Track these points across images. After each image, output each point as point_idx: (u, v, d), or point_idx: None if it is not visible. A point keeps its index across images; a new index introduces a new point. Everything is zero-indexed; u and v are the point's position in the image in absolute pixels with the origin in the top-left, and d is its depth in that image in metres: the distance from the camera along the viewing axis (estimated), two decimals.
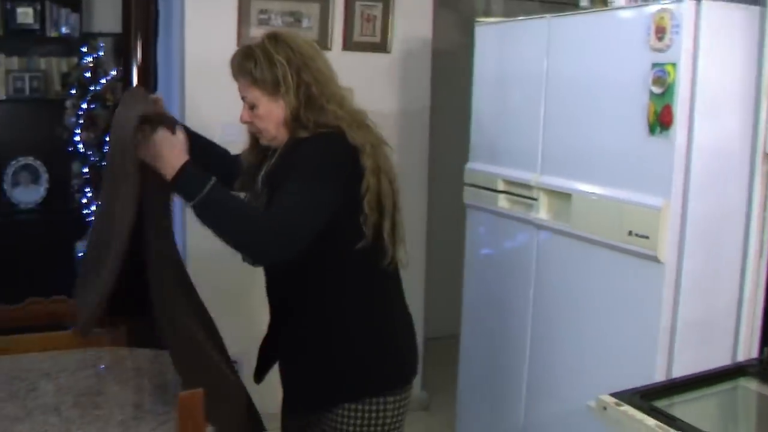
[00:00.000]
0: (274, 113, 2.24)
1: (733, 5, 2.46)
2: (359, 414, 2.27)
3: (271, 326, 2.43)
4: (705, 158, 2.46)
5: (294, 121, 2.22)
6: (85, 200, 5.03)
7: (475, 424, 3.54)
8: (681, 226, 2.47)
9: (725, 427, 2.28)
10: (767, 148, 2.44)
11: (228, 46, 3.80)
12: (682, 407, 2.14)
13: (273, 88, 2.21)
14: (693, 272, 2.49)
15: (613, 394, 2.10)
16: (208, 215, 2.07)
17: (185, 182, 2.08)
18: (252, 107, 2.27)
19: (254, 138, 2.37)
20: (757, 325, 2.54)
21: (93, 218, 2.29)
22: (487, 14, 5.14)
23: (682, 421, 1.97)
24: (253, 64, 2.22)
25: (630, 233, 2.54)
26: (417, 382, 4.37)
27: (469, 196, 3.41)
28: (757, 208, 2.50)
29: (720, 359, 2.51)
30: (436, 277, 4.72)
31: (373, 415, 2.27)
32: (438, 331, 4.84)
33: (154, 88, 4.32)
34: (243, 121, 2.31)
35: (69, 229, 4.96)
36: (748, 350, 2.54)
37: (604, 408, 2.09)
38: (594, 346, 2.77)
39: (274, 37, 2.25)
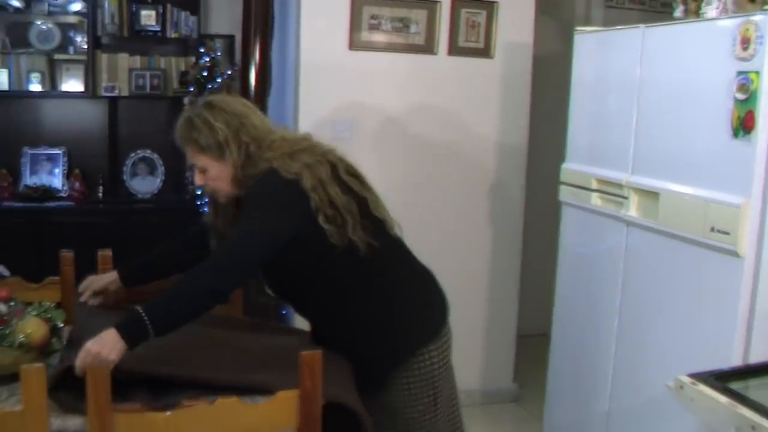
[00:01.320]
0: (224, 173, 2.42)
1: None
2: (409, 372, 2.49)
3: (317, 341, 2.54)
4: None
5: (240, 178, 2.42)
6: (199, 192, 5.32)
7: (563, 414, 3.71)
8: (760, 223, 2.59)
9: None
10: None
11: (341, 49, 4.10)
12: (756, 391, 2.27)
13: (218, 152, 2.40)
14: None
15: (690, 375, 2.25)
16: (171, 321, 2.18)
17: (134, 336, 2.11)
18: (203, 171, 2.45)
19: (214, 201, 2.56)
20: None
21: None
22: (586, 22, 5.27)
23: (754, 400, 2.13)
24: (197, 133, 2.41)
25: (712, 229, 2.69)
26: (507, 374, 4.60)
27: (564, 194, 3.59)
28: None
29: None
30: (530, 276, 4.83)
31: (422, 365, 2.49)
32: (530, 329, 4.99)
33: (269, 88, 4.61)
34: (198, 185, 2.51)
35: (181, 218, 5.11)
36: None
37: (681, 387, 2.25)
38: (676, 335, 2.91)
39: (209, 106, 2.43)
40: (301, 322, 2.76)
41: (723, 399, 2.15)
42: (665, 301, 2.95)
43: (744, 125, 2.59)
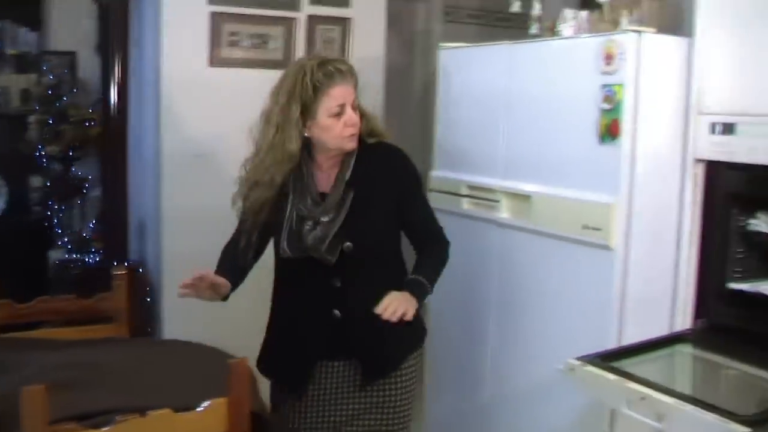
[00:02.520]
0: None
1: (667, 36, 2.91)
2: (414, 363, 2.77)
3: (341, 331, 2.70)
4: (646, 162, 2.88)
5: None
6: (49, 213, 5.25)
7: (444, 409, 3.86)
8: (628, 219, 2.88)
9: (668, 382, 2.65)
10: (696, 154, 2.87)
11: (202, 65, 4.11)
12: (632, 368, 2.53)
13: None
14: (638, 258, 2.91)
15: (578, 358, 2.52)
16: (437, 280, 2.75)
17: (422, 294, 2.67)
18: (356, 109, 2.66)
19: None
20: (690, 302, 2.96)
21: None
22: (427, 35, 5.52)
23: (638, 375, 2.41)
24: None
25: (585, 227, 2.96)
26: None
27: (434, 200, 3.72)
28: (689, 204, 2.92)
29: (660, 330, 2.94)
30: None
31: (419, 358, 2.82)
32: None
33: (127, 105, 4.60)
34: (355, 124, 2.65)
35: (29, 239, 5.15)
36: (682, 322, 2.96)
37: (572, 369, 2.50)
38: (555, 325, 3.16)
39: None
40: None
41: (611, 376, 2.42)
42: (542, 295, 3.20)
43: (610, 132, 2.87)
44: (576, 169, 3.04)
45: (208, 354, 2.72)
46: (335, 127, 2.60)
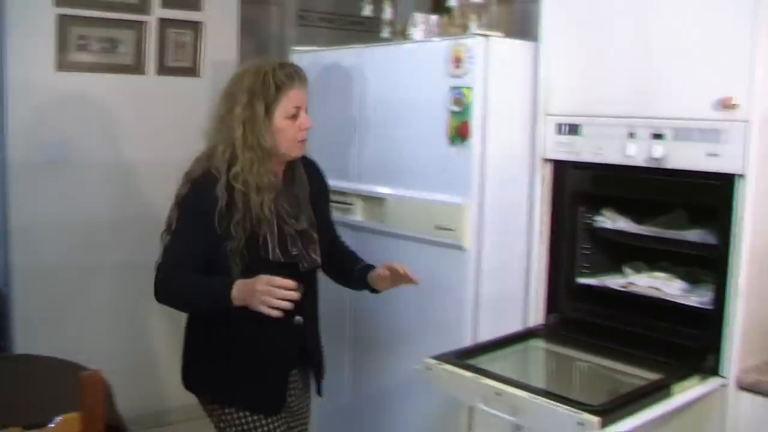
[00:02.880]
0: None
1: (514, 41, 2.99)
2: None
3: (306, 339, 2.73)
4: (496, 163, 2.95)
5: None
6: None
7: None
8: (479, 219, 2.93)
9: (523, 376, 2.73)
10: (544, 155, 2.95)
11: (49, 69, 4.01)
12: (488, 365, 2.58)
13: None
14: (491, 257, 2.98)
15: (434, 357, 2.54)
16: None
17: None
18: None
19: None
20: (541, 298, 3.02)
21: None
22: (281, 39, 5.49)
23: (492, 371, 2.46)
24: None
25: (438, 228, 3.00)
26: None
27: None
28: (538, 203, 2.99)
29: (515, 326, 3.00)
30: None
31: None
32: None
33: None
34: (307, 129, 2.62)
35: None
36: (535, 318, 3.03)
37: (429, 368, 2.53)
38: (411, 325, 3.19)
39: None
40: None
41: (467, 374, 2.45)
42: (399, 296, 3.15)
43: (460, 134, 2.93)
44: (428, 171, 3.09)
45: (61, 368, 2.64)
46: (290, 130, 2.57)
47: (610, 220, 2.93)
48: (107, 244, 4.30)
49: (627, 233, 2.88)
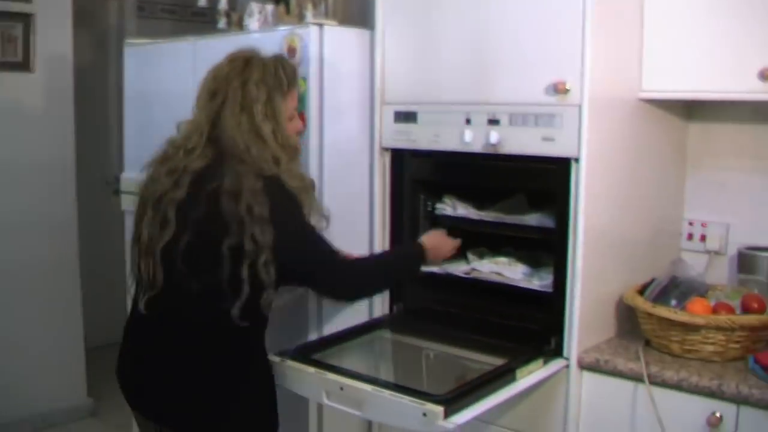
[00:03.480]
0: None
1: (350, 29, 2.96)
2: None
3: None
4: (335, 154, 2.91)
5: None
6: None
7: None
8: None
9: (369, 369, 2.74)
10: (382, 143, 2.92)
11: None
12: (334, 359, 2.57)
13: None
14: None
15: (277, 353, 2.49)
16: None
17: None
18: None
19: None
20: None
21: None
22: (120, 31, 5.33)
23: (336, 365, 2.43)
24: None
25: None
26: (81, 389, 4.58)
27: (126, 202, 3.61)
28: (379, 192, 2.96)
29: (361, 318, 2.96)
30: (95, 288, 4.85)
31: None
32: (100, 340, 4.83)
33: None
34: (302, 133, 2.57)
35: None
36: (381, 308, 3.00)
37: (273, 364, 2.46)
38: None
39: None
40: None
41: (310, 369, 2.41)
42: None
43: None
44: None
45: None
46: (290, 132, 2.45)
47: (451, 208, 2.93)
48: None
49: (468, 220, 2.88)
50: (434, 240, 2.64)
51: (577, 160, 2.43)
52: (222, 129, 2.32)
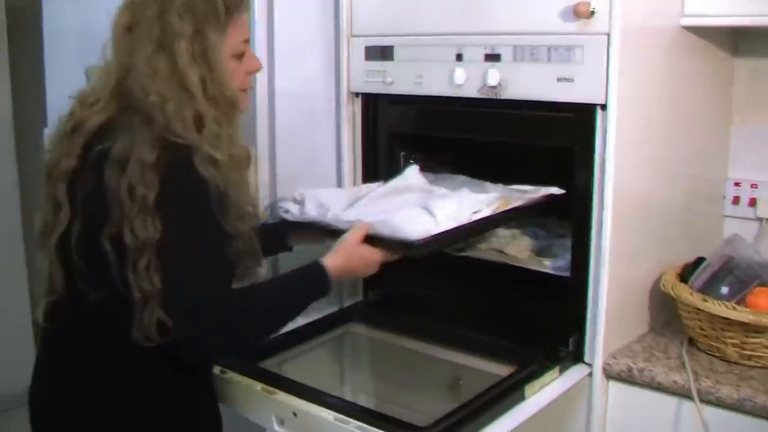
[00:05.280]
0: None
1: None
2: None
3: None
4: (288, 103, 2.40)
5: None
6: None
7: None
8: (271, 176, 2.39)
9: (334, 380, 2.27)
10: (350, 88, 2.42)
11: None
12: (292, 364, 2.12)
13: None
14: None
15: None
16: None
17: None
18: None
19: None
20: None
21: None
22: None
23: (289, 379, 1.93)
24: None
25: None
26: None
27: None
28: (347, 149, 2.46)
29: (327, 307, 2.42)
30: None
31: None
32: None
33: None
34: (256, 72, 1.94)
35: None
36: (351, 294, 2.51)
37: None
38: None
39: None
40: None
41: (257, 386, 1.90)
42: None
43: None
44: None
45: None
46: (237, 75, 1.83)
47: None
48: None
49: None
50: (346, 255, 1.91)
51: (603, 106, 1.91)
52: (133, 77, 1.70)
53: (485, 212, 2.04)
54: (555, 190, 2.20)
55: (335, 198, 2.15)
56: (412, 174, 2.29)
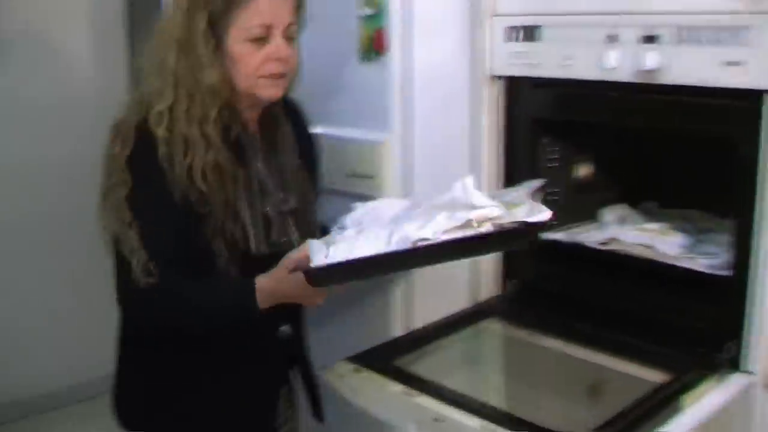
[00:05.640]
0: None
1: None
2: None
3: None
4: (426, 84, 2.29)
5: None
6: None
7: None
8: (405, 161, 2.30)
9: (474, 383, 2.15)
10: (491, 70, 2.31)
11: None
12: (426, 364, 2.03)
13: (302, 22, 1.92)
14: None
15: (349, 358, 1.92)
16: None
17: None
18: (291, 40, 1.87)
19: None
20: (494, 262, 2.41)
21: None
22: None
23: (429, 380, 1.86)
24: None
25: (352, 174, 2.37)
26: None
27: None
28: (485, 136, 2.36)
29: (461, 302, 2.40)
30: None
31: None
32: None
33: None
34: (282, 58, 1.86)
35: None
36: (488, 290, 2.42)
37: (341, 376, 1.90)
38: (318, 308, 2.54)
39: None
40: None
41: (396, 387, 1.83)
42: None
43: (374, 46, 2.27)
44: (332, 100, 2.42)
45: None
46: (251, 60, 1.81)
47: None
48: None
49: None
50: (277, 277, 1.81)
51: None
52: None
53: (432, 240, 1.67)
54: (543, 216, 1.69)
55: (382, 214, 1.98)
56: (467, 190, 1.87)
